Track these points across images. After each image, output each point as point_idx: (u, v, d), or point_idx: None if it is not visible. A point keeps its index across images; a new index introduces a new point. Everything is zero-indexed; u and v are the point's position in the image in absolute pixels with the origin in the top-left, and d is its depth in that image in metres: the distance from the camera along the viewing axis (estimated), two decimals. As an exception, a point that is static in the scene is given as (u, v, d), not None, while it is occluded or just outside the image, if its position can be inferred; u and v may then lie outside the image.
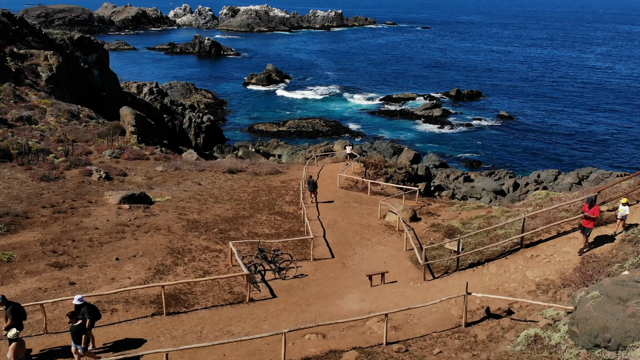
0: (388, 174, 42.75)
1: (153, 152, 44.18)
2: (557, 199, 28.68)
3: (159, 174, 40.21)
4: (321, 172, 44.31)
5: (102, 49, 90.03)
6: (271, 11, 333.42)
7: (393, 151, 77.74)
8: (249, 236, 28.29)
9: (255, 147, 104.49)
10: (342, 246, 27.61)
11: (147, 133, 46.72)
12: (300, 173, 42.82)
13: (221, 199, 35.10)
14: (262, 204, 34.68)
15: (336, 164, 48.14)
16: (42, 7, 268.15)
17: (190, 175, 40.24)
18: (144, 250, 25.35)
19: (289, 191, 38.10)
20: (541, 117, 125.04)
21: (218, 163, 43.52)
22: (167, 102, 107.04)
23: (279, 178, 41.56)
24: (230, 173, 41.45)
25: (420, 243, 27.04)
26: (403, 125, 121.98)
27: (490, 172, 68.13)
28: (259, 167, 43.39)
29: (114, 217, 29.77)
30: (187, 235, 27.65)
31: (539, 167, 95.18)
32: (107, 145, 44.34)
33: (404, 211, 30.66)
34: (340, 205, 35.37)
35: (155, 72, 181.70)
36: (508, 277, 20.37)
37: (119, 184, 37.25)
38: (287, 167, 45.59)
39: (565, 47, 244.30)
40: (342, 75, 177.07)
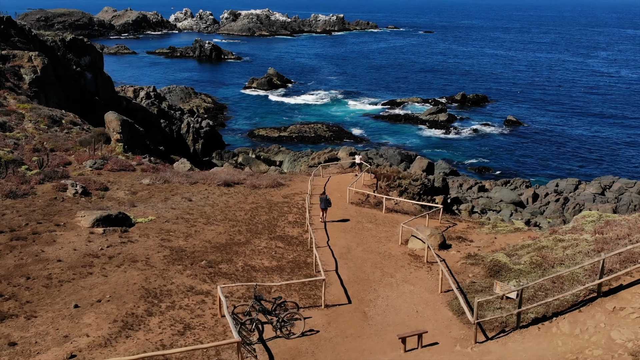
0: (402, 187, 37.45)
1: (140, 163, 38.86)
2: (615, 223, 23.38)
3: (145, 188, 34.90)
4: (328, 184, 38.98)
5: (96, 51, 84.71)
6: (272, 15, 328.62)
7: (401, 158, 72.44)
8: (244, 271, 22.82)
9: (255, 153, 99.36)
10: (359, 285, 22.00)
11: (135, 141, 41.52)
12: (304, 186, 37.57)
13: (214, 218, 29.75)
14: (262, 225, 29.30)
15: (344, 174, 42.80)
16: (42, 11, 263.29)
17: (180, 189, 34.93)
18: (112, 292, 20.00)
19: (292, 208, 32.76)
20: (550, 122, 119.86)
21: (212, 175, 38.19)
22: (164, 107, 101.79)
23: (281, 192, 36.27)
24: (226, 186, 36.16)
25: (457, 282, 21.47)
26: (407, 130, 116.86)
27: (506, 181, 62.86)
28: (259, 179, 38.11)
29: (82, 245, 24.42)
30: (168, 270, 22.26)
31: (551, 174, 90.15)
32: (89, 155, 39.06)
33: (431, 236, 25.23)
34: (353, 227, 29.99)
35: (155, 76, 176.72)
36: (588, 340, 14.99)
37: (97, 200, 31.94)
38: (289, 179, 40.28)
39: (570, 52, 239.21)
40: (344, 80, 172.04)
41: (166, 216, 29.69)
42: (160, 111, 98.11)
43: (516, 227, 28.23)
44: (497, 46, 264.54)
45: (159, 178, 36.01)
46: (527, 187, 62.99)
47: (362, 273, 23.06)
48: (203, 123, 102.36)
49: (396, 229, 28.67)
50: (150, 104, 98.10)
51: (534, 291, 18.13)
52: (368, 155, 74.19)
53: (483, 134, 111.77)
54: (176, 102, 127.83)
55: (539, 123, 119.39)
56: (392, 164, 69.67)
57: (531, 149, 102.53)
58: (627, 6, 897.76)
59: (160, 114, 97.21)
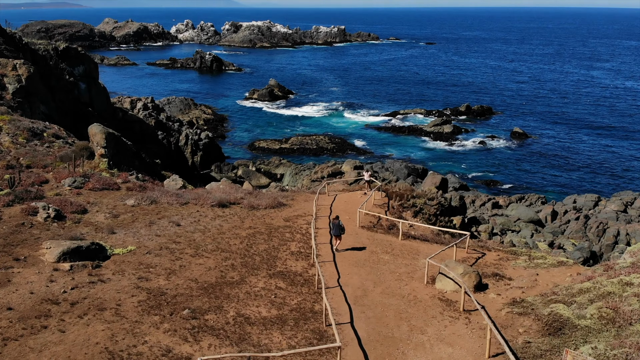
0: (417, 207, 33.00)
1: (126, 180, 34.34)
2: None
3: (129, 209, 30.41)
4: (334, 204, 34.47)
5: (91, 60, 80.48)
6: (274, 27, 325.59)
7: (407, 172, 67.96)
8: (235, 324, 18.00)
9: (255, 165, 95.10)
10: (383, 347, 16.72)
11: (122, 156, 37.12)
12: (309, 206, 33.10)
13: (204, 248, 25.23)
14: (259, 257, 24.72)
15: (351, 192, 38.21)
16: (43, 23, 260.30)
17: (168, 211, 30.43)
18: (66, 356, 15.46)
19: (295, 234, 28.24)
20: (557, 135, 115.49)
21: (206, 194, 33.67)
22: (162, 118, 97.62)
23: (282, 213, 31.76)
24: (221, 207, 31.65)
25: (507, 341, 16.29)
26: (411, 142, 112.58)
27: (520, 197, 58.40)
28: (257, 198, 33.64)
29: (42, 287, 19.86)
30: (141, 323, 17.63)
31: (562, 189, 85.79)
32: (69, 172, 34.61)
33: (465, 275, 20.51)
34: (367, 258, 25.36)
35: (154, 87, 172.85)
36: None
37: (71, 226, 27.44)
38: (291, 198, 35.77)
39: (573, 63, 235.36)
40: (346, 91, 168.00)
41: (148, 246, 25.18)
42: (158, 123, 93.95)
43: (559, 261, 23.67)
44: (499, 58, 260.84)
45: (145, 198, 31.53)
46: (543, 204, 58.45)
47: (384, 327, 18.20)
48: (202, 135, 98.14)
49: (418, 262, 24.16)
50: (148, 115, 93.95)
51: (612, 357, 13.61)
52: (373, 169, 69.77)
53: (489, 147, 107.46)
54: (175, 114, 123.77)
55: (546, 135, 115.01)
56: (399, 178, 65.22)
57: (540, 162, 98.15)
58: (627, 17, 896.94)
59: (158, 126, 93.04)
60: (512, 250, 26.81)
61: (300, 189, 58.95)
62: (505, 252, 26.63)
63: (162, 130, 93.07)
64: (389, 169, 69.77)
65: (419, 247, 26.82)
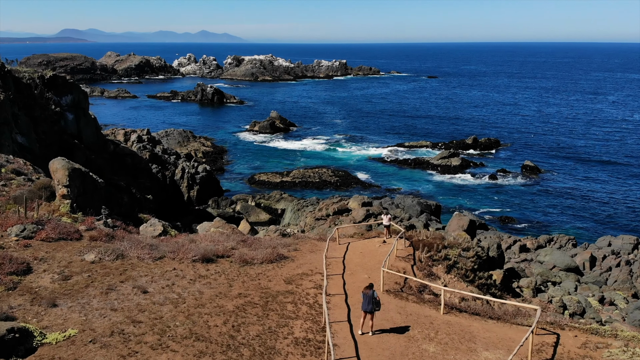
0: (449, 259, 25.71)
1: (92, 227, 26.94)
2: None
3: (87, 268, 23.06)
4: (348, 256, 27.00)
5: (80, 90, 73.88)
6: (275, 61, 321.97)
7: (420, 209, 60.60)
8: None
9: (255, 200, 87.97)
10: None
11: (91, 196, 29.93)
12: (316, 259, 25.72)
13: (172, 333, 17.73)
14: (249, 350, 16.99)
15: (367, 240, 30.69)
16: (45, 56, 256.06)
17: (137, 269, 23.05)
18: None
19: (299, 306, 20.76)
20: (569, 169, 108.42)
21: (188, 244, 26.31)
22: (158, 151, 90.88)
23: (283, 271, 24.31)
24: (205, 262, 24.25)
25: None
26: (418, 175, 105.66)
27: (549, 239, 51.01)
28: (252, 249, 26.28)
29: None
30: None
31: (582, 227, 78.53)
32: (19, 218, 27.39)
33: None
34: (404, 351, 17.23)
35: (154, 119, 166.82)
36: None
37: (3, 294, 20.13)
38: (294, 247, 28.27)
39: (577, 96, 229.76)
40: (348, 123, 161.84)
41: (97, 328, 17.78)
42: (153, 155, 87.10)
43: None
44: (502, 91, 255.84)
45: (110, 251, 24.17)
46: (575, 246, 51.06)
47: None
48: (199, 168, 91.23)
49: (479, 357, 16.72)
50: (142, 147, 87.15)
51: None
52: (382, 205, 62.46)
53: (501, 181, 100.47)
54: (173, 146, 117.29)
55: (558, 170, 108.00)
56: (411, 215, 57.90)
57: (555, 198, 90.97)
58: (625, 51, 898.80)
59: (153, 159, 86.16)
60: (593, 329, 19.37)
61: (304, 231, 51.50)
62: (585, 332, 19.20)
63: (157, 163, 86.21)
64: (400, 205, 62.44)
65: (470, 326, 19.29)
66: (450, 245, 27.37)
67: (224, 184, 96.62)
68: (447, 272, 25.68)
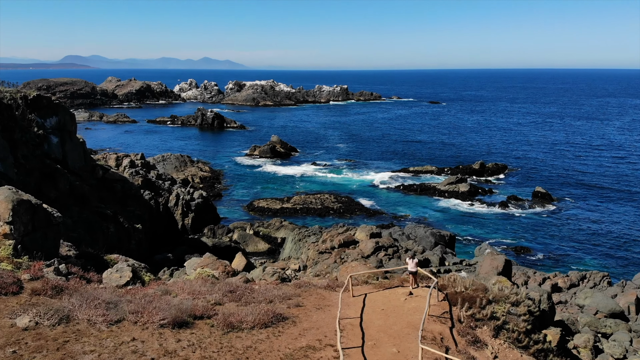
0: (497, 318, 20.18)
1: (37, 276, 21.18)
2: None
3: (15, 338, 17.22)
4: (366, 316, 20.72)
5: (66, 111, 68.88)
6: (277, 86, 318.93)
7: (434, 241, 55.06)
8: None
9: (253, 228, 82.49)
10: None
11: (43, 235, 24.16)
12: (324, 320, 19.87)
13: None
14: None
15: (388, 291, 24.21)
16: (44, 80, 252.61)
17: (82, 340, 17.11)
18: None
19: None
20: (582, 196, 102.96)
21: (158, 298, 20.64)
22: (152, 176, 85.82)
23: (281, 342, 18.07)
24: (177, 328, 18.27)
25: None
26: (424, 202, 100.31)
27: (582, 276, 45.42)
28: (242, 303, 20.48)
29: None
30: None
31: (605, 260, 72.88)
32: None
33: None
34: None
35: (152, 144, 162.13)
36: None
37: None
38: (296, 302, 22.04)
39: (582, 121, 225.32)
40: (350, 148, 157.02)
41: None
42: (146, 181, 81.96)
43: None
44: (506, 116, 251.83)
45: (52, 312, 18.36)
46: (609, 284, 45.45)
47: None
48: (195, 194, 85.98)
49: None
50: (135, 173, 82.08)
51: None
52: (392, 235, 56.93)
53: (512, 208, 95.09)
54: (170, 171, 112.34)
55: (570, 196, 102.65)
56: (425, 248, 52.33)
57: (571, 227, 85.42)
58: (625, 77, 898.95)
59: (146, 185, 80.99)
60: None
61: (306, 267, 45.96)
62: None
63: (150, 189, 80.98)
64: (411, 236, 56.90)
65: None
66: (495, 298, 21.77)
67: (221, 211, 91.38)
68: (494, 336, 20.02)
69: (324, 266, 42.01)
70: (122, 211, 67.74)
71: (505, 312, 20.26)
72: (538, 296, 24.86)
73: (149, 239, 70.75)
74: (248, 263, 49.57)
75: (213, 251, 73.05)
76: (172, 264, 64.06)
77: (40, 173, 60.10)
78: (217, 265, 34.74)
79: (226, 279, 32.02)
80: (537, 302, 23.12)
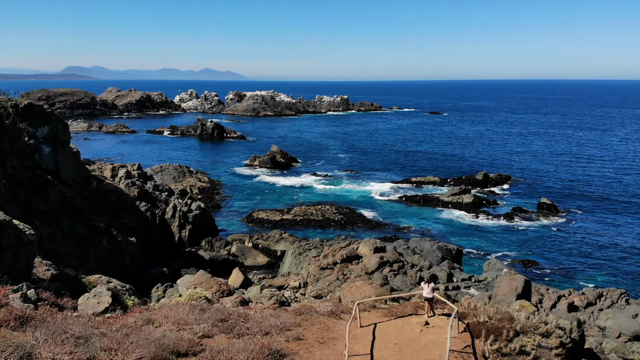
0: (526, 352, 17.44)
1: (2, 303, 18.48)
2: None
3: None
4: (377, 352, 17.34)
5: (59, 120, 66.40)
6: (277, 96, 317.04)
7: (442, 255, 52.39)
8: None
9: (252, 241, 79.78)
10: None
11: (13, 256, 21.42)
12: (328, 355, 17.02)
13: None
14: None
15: (400, 320, 20.94)
16: (44, 91, 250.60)
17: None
18: None
19: None
20: (588, 207, 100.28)
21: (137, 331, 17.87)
22: (149, 187, 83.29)
23: None
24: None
25: None
26: (427, 213, 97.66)
27: (599, 294, 42.81)
28: (234, 335, 17.68)
29: None
30: None
31: (614, 273, 70.22)
32: None
33: None
34: None
35: (150, 154, 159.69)
36: None
37: None
38: (296, 334, 18.83)
39: (584, 132, 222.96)
40: (351, 158, 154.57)
41: None
42: (143, 192, 79.35)
43: None
44: (507, 126, 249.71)
45: (12, 349, 15.61)
46: (627, 302, 42.77)
47: None
48: (193, 206, 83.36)
49: None
50: (131, 184, 79.45)
51: None
52: (397, 249, 54.26)
53: (517, 219, 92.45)
54: (168, 182, 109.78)
55: (577, 208, 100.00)
56: (432, 263, 49.66)
57: (578, 240, 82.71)
58: (625, 88, 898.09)
59: (142, 196, 78.39)
60: None
61: (307, 284, 43.28)
62: None
63: (147, 200, 78.41)
64: (416, 250, 54.22)
65: None
66: (523, 329, 19.04)
67: (219, 223, 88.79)
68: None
69: (326, 284, 39.30)
70: (116, 224, 65.14)
71: (535, 346, 17.58)
72: (569, 324, 22.22)
73: (144, 252, 68.08)
74: (245, 279, 46.89)
75: (210, 265, 70.37)
76: (167, 279, 61.37)
77: (30, 184, 57.58)
78: (212, 283, 32.11)
79: (221, 299, 29.38)
80: (568, 332, 20.50)
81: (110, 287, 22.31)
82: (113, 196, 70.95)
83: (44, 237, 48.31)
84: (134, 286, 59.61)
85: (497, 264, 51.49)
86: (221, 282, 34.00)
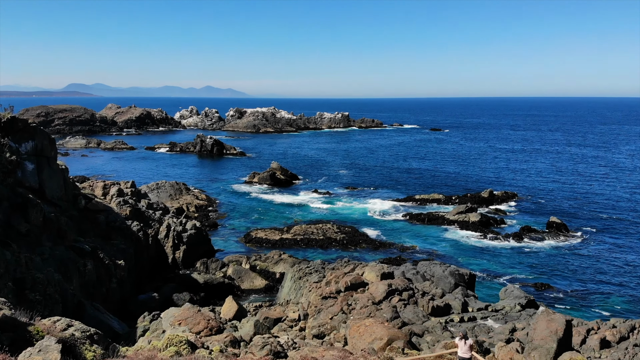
0: None
1: None
2: None
3: None
4: None
5: (45, 135, 62.22)
6: (278, 113, 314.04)
7: (455, 282, 47.87)
8: None
9: (250, 262, 75.26)
10: None
11: None
12: None
13: None
14: None
15: None
16: (43, 107, 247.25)
17: None
18: None
19: None
20: (600, 227, 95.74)
21: None
22: (142, 206, 78.98)
23: None
24: None
25: None
26: (432, 232, 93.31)
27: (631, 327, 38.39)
28: None
29: None
30: None
31: (632, 295, 65.69)
32: None
33: None
34: None
35: (147, 171, 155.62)
36: None
37: None
38: None
39: (589, 149, 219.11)
40: (353, 175, 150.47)
41: None
42: (135, 211, 74.95)
43: None
44: (510, 143, 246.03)
45: None
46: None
47: None
48: (188, 225, 79.00)
49: None
50: (123, 202, 75.02)
51: None
52: (405, 275, 49.80)
53: (526, 240, 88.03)
54: (164, 199, 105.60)
55: (587, 227, 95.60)
56: (444, 291, 45.17)
57: (592, 261, 78.21)
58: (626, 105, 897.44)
59: (134, 215, 73.98)
60: None
61: (307, 315, 38.78)
62: None
63: (139, 220, 73.97)
64: (426, 275, 49.72)
65: None
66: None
67: (216, 242, 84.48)
68: None
69: (328, 317, 34.84)
70: (104, 245, 60.79)
71: None
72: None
73: (134, 275, 63.59)
74: (240, 309, 42.37)
75: (204, 289, 65.81)
76: (157, 305, 56.90)
77: (9, 203, 53.40)
78: (198, 319, 27.72)
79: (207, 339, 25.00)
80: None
81: (65, 336, 18.04)
82: (102, 215, 66.61)
83: (20, 262, 44.02)
84: (122, 313, 55.05)
85: (514, 290, 46.99)
86: (209, 317, 29.63)
